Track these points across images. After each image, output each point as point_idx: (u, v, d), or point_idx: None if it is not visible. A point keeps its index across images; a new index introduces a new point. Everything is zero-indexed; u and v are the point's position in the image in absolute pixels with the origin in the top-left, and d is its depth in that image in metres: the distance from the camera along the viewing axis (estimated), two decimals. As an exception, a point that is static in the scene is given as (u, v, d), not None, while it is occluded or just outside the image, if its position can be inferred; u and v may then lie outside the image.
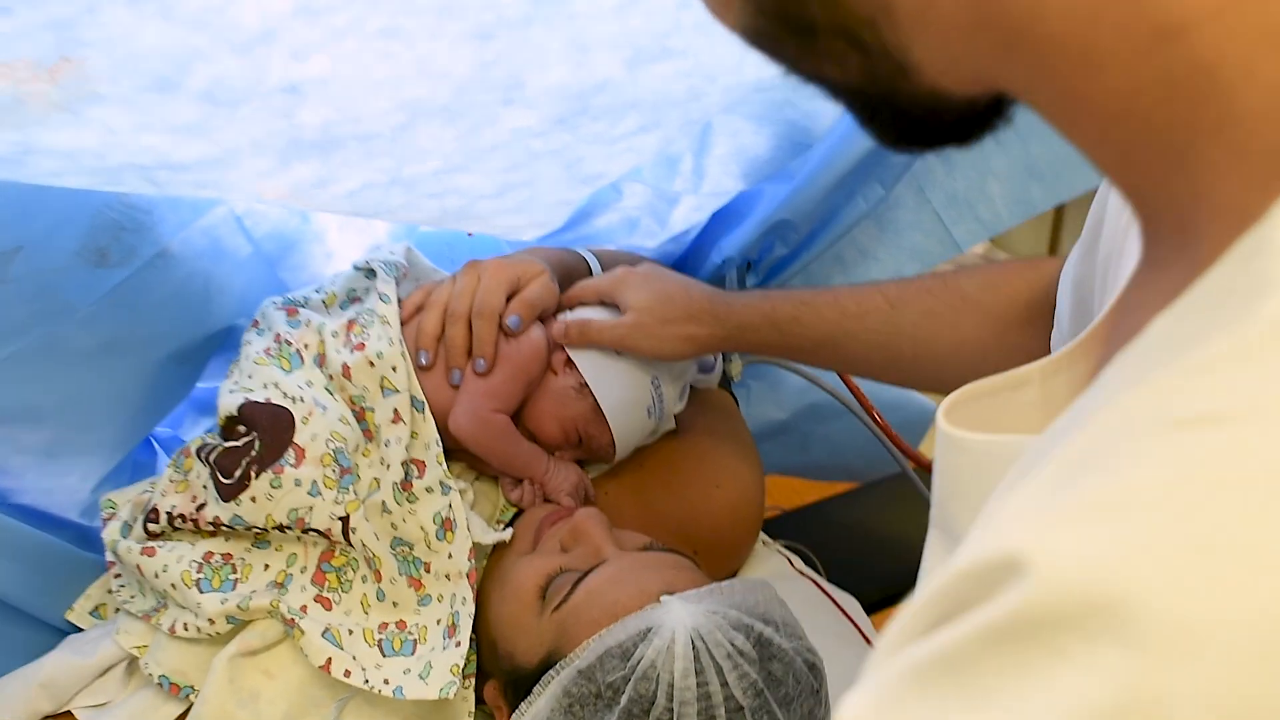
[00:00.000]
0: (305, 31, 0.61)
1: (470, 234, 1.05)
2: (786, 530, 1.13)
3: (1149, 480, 0.25)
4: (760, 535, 1.06)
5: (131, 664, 0.87)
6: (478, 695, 0.85)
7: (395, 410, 0.88)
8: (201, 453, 0.86)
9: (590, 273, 1.02)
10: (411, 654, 0.84)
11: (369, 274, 0.96)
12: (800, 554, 1.06)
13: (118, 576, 0.89)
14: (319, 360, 0.91)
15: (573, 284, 0.97)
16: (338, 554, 0.87)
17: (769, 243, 1.11)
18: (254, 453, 0.85)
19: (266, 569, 0.86)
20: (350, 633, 0.83)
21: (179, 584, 0.83)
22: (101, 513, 0.91)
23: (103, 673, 0.87)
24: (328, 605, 0.85)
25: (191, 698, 0.82)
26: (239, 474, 0.84)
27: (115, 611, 0.92)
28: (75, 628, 0.92)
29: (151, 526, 0.86)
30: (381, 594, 0.86)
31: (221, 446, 0.86)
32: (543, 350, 0.92)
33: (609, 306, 0.93)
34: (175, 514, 0.85)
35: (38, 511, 0.91)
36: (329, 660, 0.81)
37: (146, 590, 0.87)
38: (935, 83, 0.36)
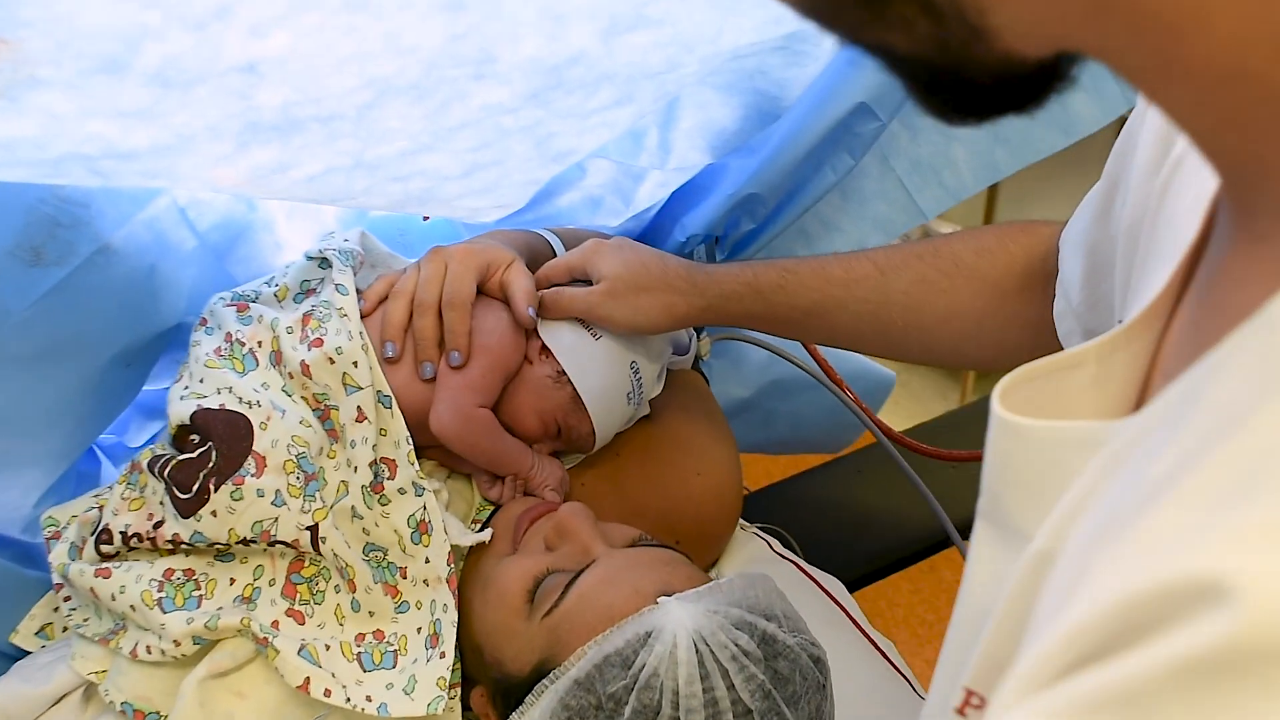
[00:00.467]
0: (264, 5, 0.56)
1: (426, 218, 1.00)
2: (757, 511, 1.10)
3: None
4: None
5: (89, 690, 0.81)
6: (463, 702, 0.81)
7: (359, 408, 0.83)
8: (154, 466, 0.80)
9: (554, 254, 0.98)
10: (393, 666, 0.80)
11: (323, 264, 0.90)
12: (777, 536, 1.04)
13: (68, 599, 0.83)
14: (274, 359, 0.85)
15: (538, 266, 0.93)
16: (307, 564, 0.82)
17: (735, 218, 1.08)
18: (211, 464, 0.79)
19: (232, 583, 0.81)
20: (327, 648, 0.79)
21: (139, 605, 0.78)
22: (43, 531, 0.85)
23: (57, 701, 0.81)
24: (300, 619, 0.81)
25: (158, 724, 0.77)
26: (197, 488, 0.79)
27: (64, 632, 0.87)
28: (22, 651, 0.86)
29: (105, 548, 0.80)
30: (356, 604, 0.81)
31: (176, 459, 0.80)
32: (520, 339, 0.87)
33: (581, 283, 0.90)
34: (130, 534, 0.79)
35: (-24, 529, 0.84)
36: (307, 679, 0.76)
37: (102, 612, 0.81)
38: (1010, 47, 0.34)
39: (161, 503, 0.80)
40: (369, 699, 0.77)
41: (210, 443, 0.80)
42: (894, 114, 1.01)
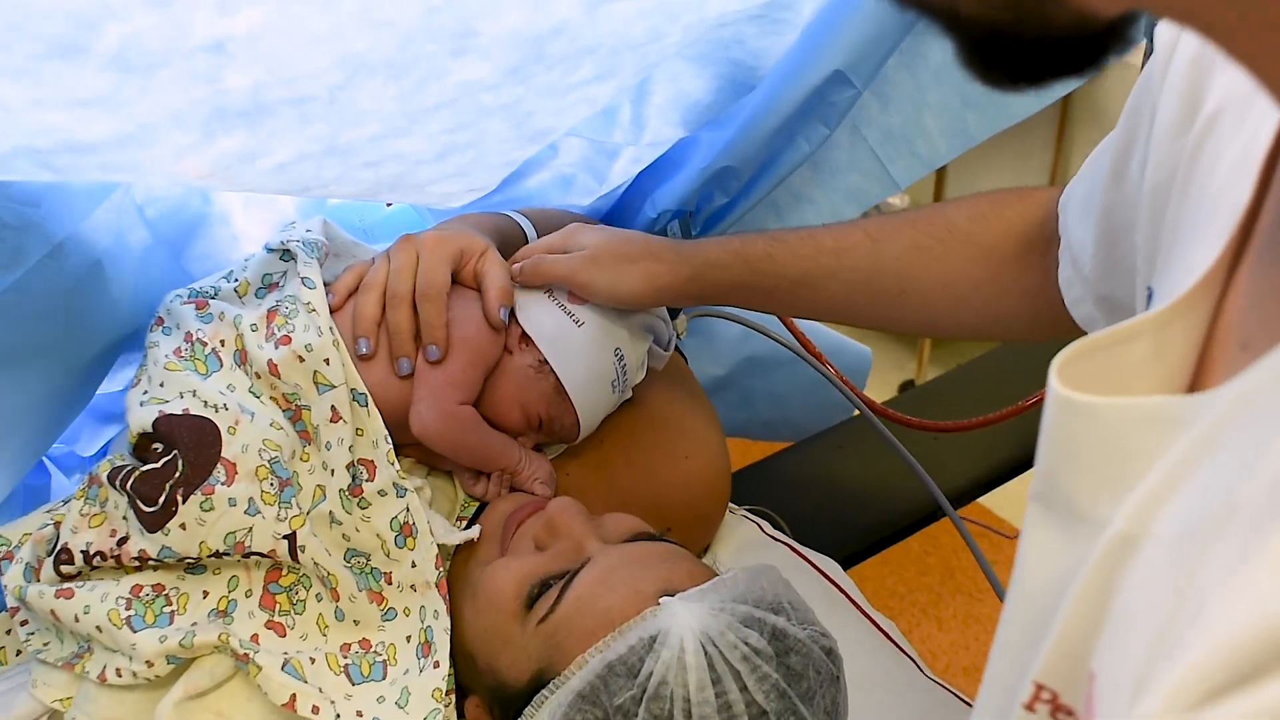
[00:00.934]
0: (232, -21, 0.52)
1: (389, 204, 0.96)
2: (739, 492, 1.08)
3: None
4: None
5: (53, 719, 0.76)
6: (458, 710, 0.77)
7: (333, 407, 0.78)
8: (115, 478, 0.75)
9: (525, 236, 0.94)
10: (383, 678, 0.76)
11: (285, 256, 0.85)
12: (766, 517, 1.01)
13: (24, 624, 0.78)
14: (239, 358, 0.81)
15: (509, 249, 0.89)
16: (285, 572, 0.78)
17: (708, 192, 1.04)
18: (178, 473, 0.74)
19: (206, 597, 0.76)
20: (312, 661, 0.75)
21: (106, 625, 0.73)
22: (-7, 551, 0.79)
23: (19, 732, 0.76)
24: (281, 631, 0.76)
25: (132, 752, 0.72)
26: (163, 499, 0.74)
27: (17, 656, 0.81)
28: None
29: (65, 568, 0.75)
30: (340, 613, 0.77)
31: (138, 470, 0.75)
32: (499, 329, 0.83)
33: None
34: (93, 552, 0.74)
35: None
36: (293, 696, 0.72)
37: (64, 635, 0.76)
38: (1085, 5, 0.32)
39: (125, 517, 0.75)
40: (360, 714, 0.73)
41: (175, 451, 0.75)
42: (869, 81, 0.98)
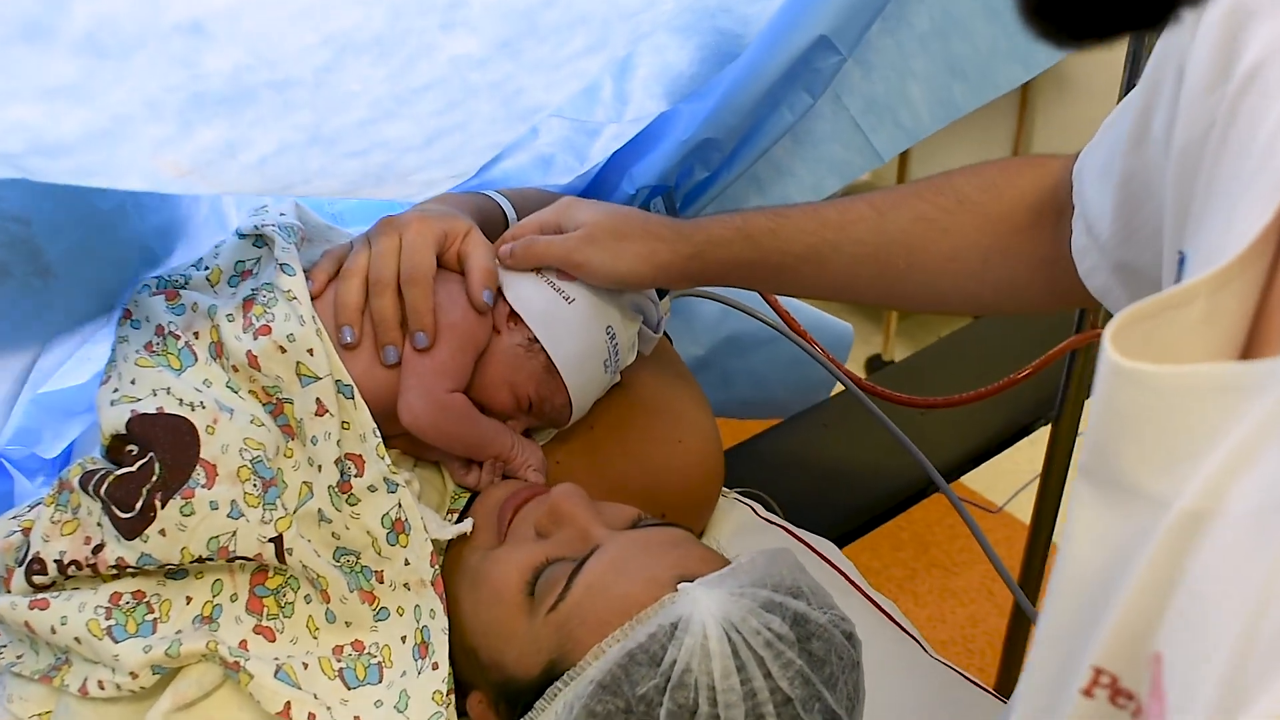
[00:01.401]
0: (210, -49, 0.48)
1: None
2: (726, 475, 1.06)
3: None
4: (718, 486, 0.98)
5: (30, 736, 0.72)
6: (458, 709, 0.75)
7: (318, 400, 0.75)
8: (88, 483, 0.71)
9: (506, 218, 0.91)
10: (379, 681, 0.73)
11: (258, 242, 0.81)
12: (759, 500, 1.00)
13: (-7, 637, 0.74)
14: (214, 351, 0.77)
15: (491, 231, 0.86)
16: (271, 573, 0.75)
17: (689, 166, 1.02)
18: (155, 477, 0.71)
19: (189, 602, 0.73)
20: (305, 666, 0.72)
21: (85, 636, 0.69)
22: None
23: (-6, 750, 0.72)
24: (270, 636, 0.73)
25: (116, 769, 0.69)
26: (140, 505, 0.70)
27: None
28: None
29: (38, 579, 0.71)
30: (331, 615, 0.74)
31: (113, 474, 0.71)
32: (484, 312, 0.80)
33: None
34: (67, 561, 0.71)
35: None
36: (288, 704, 0.69)
37: (40, 647, 0.72)
38: None
39: (99, 524, 0.71)
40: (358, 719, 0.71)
41: (151, 453, 0.72)
42: (855, 47, 0.96)
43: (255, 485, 0.72)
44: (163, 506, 0.70)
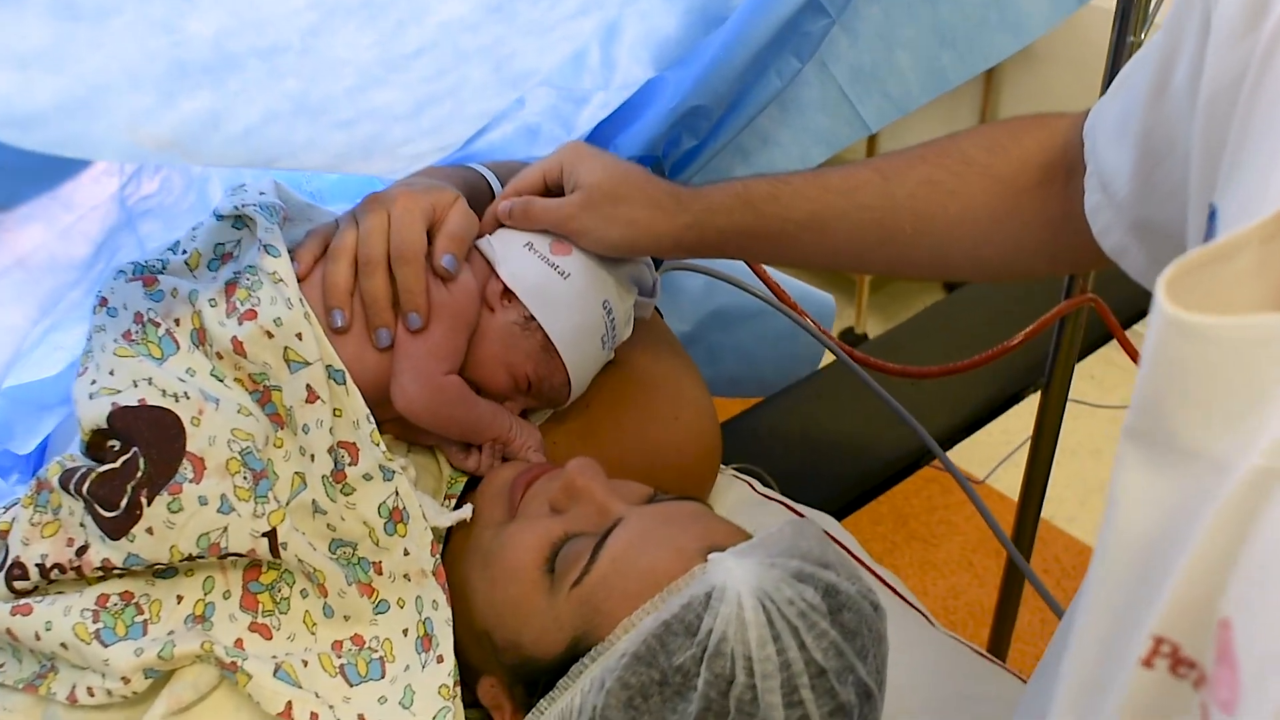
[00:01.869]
0: (194, -94, 0.45)
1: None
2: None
3: None
4: (715, 462, 0.96)
5: (16, 747, 0.69)
6: (466, 699, 0.72)
7: (308, 387, 0.72)
8: (69, 482, 0.68)
9: (491, 190, 0.88)
10: (381, 676, 0.71)
11: (237, 223, 0.78)
12: (756, 475, 0.98)
13: (-25, 644, 0.71)
14: (197, 338, 0.73)
15: (477, 204, 0.83)
16: (265, 568, 0.72)
17: (676, 134, 0.99)
18: (139, 473, 0.67)
19: (180, 601, 0.70)
20: (305, 664, 0.69)
21: (72, 641, 0.66)
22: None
23: (-21, 763, 0.69)
24: (266, 633, 0.70)
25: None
26: (126, 503, 0.67)
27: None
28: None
29: (19, 584, 0.68)
30: (329, 609, 0.71)
31: (95, 471, 0.68)
32: (474, 289, 0.78)
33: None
34: (49, 565, 0.67)
35: None
36: (289, 704, 0.66)
37: (23, 654, 0.69)
38: None
39: (82, 524, 0.68)
40: (361, 718, 0.68)
41: (135, 448, 0.68)
42: (843, 9, 0.94)
43: (245, 478, 0.69)
44: (149, 504, 0.67)
